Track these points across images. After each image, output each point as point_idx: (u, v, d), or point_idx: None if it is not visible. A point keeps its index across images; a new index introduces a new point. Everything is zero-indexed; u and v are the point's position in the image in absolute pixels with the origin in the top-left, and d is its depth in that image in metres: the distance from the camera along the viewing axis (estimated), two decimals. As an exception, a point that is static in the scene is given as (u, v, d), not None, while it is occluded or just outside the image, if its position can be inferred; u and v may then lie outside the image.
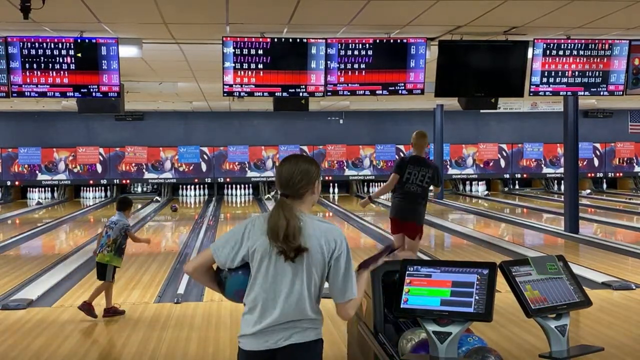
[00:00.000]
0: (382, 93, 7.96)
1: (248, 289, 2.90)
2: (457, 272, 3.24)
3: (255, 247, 2.87)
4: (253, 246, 2.87)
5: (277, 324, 2.82)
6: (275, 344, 2.83)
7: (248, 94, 7.69)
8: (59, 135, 21.89)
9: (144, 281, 8.66)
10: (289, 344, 2.83)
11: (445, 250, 11.80)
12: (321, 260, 2.84)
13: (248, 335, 2.88)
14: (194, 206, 20.66)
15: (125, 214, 7.01)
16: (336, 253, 2.86)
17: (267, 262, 2.84)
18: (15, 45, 7.35)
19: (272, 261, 2.83)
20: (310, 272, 2.83)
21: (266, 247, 2.83)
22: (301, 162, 2.94)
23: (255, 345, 2.85)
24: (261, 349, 2.84)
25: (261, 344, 2.84)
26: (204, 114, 22.01)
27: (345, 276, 2.86)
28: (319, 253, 2.84)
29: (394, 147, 23.13)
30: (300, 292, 2.83)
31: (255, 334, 2.85)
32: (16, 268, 9.67)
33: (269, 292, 2.84)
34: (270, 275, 2.84)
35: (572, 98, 11.95)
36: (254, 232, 2.88)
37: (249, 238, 2.88)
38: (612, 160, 23.89)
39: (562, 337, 3.15)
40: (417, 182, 7.29)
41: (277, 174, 2.93)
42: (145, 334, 6.20)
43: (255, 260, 2.87)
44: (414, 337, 3.69)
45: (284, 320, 2.83)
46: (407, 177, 7.30)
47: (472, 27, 7.60)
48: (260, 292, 2.85)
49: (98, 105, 8.27)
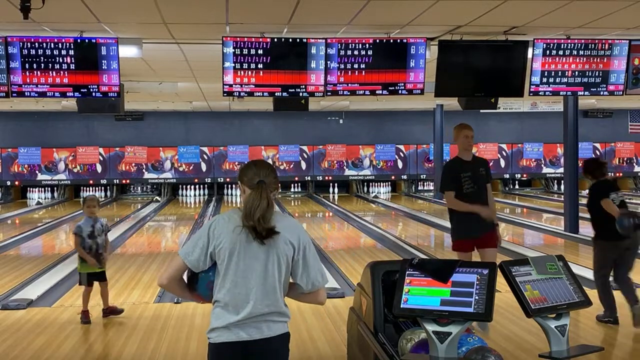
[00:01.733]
0: (382, 93, 7.96)
1: (218, 285, 2.98)
2: (457, 272, 3.24)
3: (222, 245, 2.94)
4: (220, 244, 2.95)
5: (250, 317, 2.92)
6: (249, 336, 2.92)
7: (248, 94, 7.69)
8: (59, 135, 21.89)
9: (144, 281, 8.66)
10: (261, 337, 2.93)
11: (445, 250, 11.80)
12: (290, 254, 2.96)
13: (220, 328, 2.96)
14: (194, 206, 20.66)
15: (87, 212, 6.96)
16: (302, 247, 2.99)
17: (237, 258, 2.93)
18: (15, 45, 7.35)
19: (241, 256, 2.93)
20: (280, 265, 2.95)
21: (234, 242, 2.93)
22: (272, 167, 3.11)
23: (227, 338, 2.93)
24: (233, 341, 2.92)
25: (233, 337, 2.93)
26: (204, 114, 22.01)
27: (314, 266, 3.02)
28: (287, 247, 2.96)
29: (394, 147, 23.13)
30: (272, 285, 2.94)
31: (228, 327, 2.93)
32: (16, 268, 9.67)
33: (240, 287, 2.93)
34: (241, 270, 2.93)
35: (572, 98, 11.95)
36: (218, 231, 2.96)
37: (214, 237, 2.96)
38: (612, 160, 23.90)
39: (562, 337, 3.15)
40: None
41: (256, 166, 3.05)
42: (145, 334, 6.20)
43: (224, 257, 2.94)
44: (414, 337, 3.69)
45: (257, 313, 2.92)
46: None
47: (472, 27, 7.60)
48: (232, 288, 2.93)
49: (98, 105, 8.26)
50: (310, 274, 3.00)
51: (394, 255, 10.06)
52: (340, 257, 10.30)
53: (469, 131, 6.26)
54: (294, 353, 5.60)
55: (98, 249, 6.80)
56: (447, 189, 6.20)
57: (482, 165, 6.32)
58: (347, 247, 11.69)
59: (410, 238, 12.70)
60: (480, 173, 6.19)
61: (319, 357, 5.53)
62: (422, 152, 23.22)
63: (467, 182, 6.11)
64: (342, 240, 12.71)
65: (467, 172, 6.12)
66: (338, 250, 11.21)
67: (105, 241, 6.92)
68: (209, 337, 3.01)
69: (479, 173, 6.19)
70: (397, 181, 23.47)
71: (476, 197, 6.07)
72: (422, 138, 22.96)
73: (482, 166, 6.28)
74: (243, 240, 2.93)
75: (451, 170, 6.25)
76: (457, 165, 6.24)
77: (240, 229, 2.93)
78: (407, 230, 14.31)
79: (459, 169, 6.18)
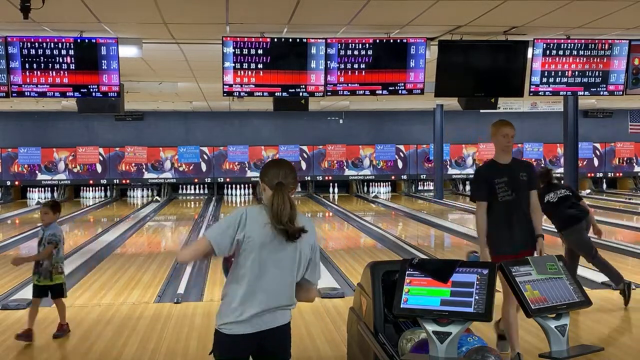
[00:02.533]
0: (382, 93, 7.95)
1: (239, 276, 3.06)
2: (457, 272, 3.24)
3: (252, 237, 3.04)
4: (250, 235, 3.04)
5: (269, 309, 3.06)
6: (265, 325, 3.07)
7: (248, 94, 7.69)
8: (59, 135, 21.89)
9: (144, 281, 8.66)
10: (276, 326, 3.10)
11: (445, 250, 11.80)
12: (309, 254, 3.17)
13: (234, 323, 3.05)
14: (194, 206, 20.65)
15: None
16: (315, 247, 3.21)
17: (264, 253, 3.04)
18: (15, 45, 7.35)
19: (268, 252, 3.04)
20: (301, 263, 3.13)
21: (264, 237, 3.03)
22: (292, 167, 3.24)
23: (243, 330, 3.04)
24: (248, 332, 3.05)
25: (250, 328, 3.05)
26: (204, 114, 22.01)
27: (319, 265, 3.27)
28: (308, 247, 3.16)
29: (394, 147, 23.13)
30: (291, 280, 3.11)
31: (247, 320, 3.04)
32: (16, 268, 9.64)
33: (264, 281, 3.05)
34: (267, 265, 3.04)
35: (572, 98, 11.94)
36: (250, 222, 3.06)
37: (245, 226, 3.05)
38: (612, 160, 23.90)
39: (562, 337, 3.15)
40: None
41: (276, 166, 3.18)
42: (145, 334, 6.20)
43: (251, 249, 3.04)
44: (414, 337, 3.69)
45: (275, 306, 3.08)
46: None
47: (472, 27, 7.60)
48: (256, 281, 3.04)
49: (98, 105, 8.26)
50: (316, 271, 3.22)
51: (394, 255, 10.06)
52: (340, 257, 10.30)
53: (509, 129, 5.31)
54: (294, 353, 5.61)
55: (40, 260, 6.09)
56: (479, 198, 5.26)
57: (523, 169, 5.34)
58: (347, 247, 11.69)
59: (410, 238, 12.70)
60: (520, 179, 5.24)
61: (319, 357, 5.53)
62: (422, 152, 23.22)
63: (502, 189, 5.19)
64: (342, 240, 12.71)
65: (502, 178, 5.20)
66: (338, 250, 11.20)
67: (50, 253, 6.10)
68: (222, 328, 3.08)
69: (519, 179, 5.24)
70: (397, 181, 23.47)
71: (514, 206, 5.17)
72: (422, 138, 22.96)
73: (523, 170, 5.32)
74: (272, 237, 3.04)
75: (483, 175, 5.32)
76: (491, 170, 5.31)
77: (270, 226, 3.03)
78: (407, 230, 14.31)
79: (493, 173, 5.25)
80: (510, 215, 5.16)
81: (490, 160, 5.44)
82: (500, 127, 5.28)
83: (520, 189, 5.22)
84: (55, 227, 6.17)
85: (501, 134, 5.26)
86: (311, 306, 7.11)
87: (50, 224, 6.15)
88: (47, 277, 6.10)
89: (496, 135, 5.28)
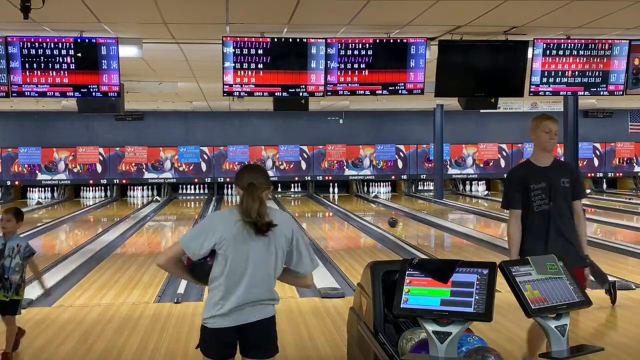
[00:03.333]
0: (382, 93, 7.95)
1: (218, 273, 3.25)
2: (457, 272, 3.24)
3: (225, 236, 3.22)
4: (223, 235, 3.22)
5: (248, 302, 3.23)
6: (245, 319, 3.24)
7: (248, 93, 7.69)
8: (59, 135, 21.89)
9: (144, 281, 8.65)
10: (256, 320, 3.26)
11: (445, 250, 11.81)
12: (286, 245, 3.30)
13: (217, 316, 3.24)
14: (194, 206, 20.66)
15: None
16: (295, 238, 3.32)
17: (238, 248, 3.22)
18: (15, 45, 7.35)
19: (241, 247, 3.22)
20: (277, 255, 3.28)
21: (237, 234, 3.22)
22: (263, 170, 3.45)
23: (224, 323, 3.24)
24: (230, 326, 3.24)
25: (231, 322, 3.23)
26: (204, 114, 22.01)
27: (306, 254, 3.36)
28: (283, 239, 3.29)
29: (394, 147, 23.13)
30: (268, 272, 3.27)
31: (227, 313, 3.23)
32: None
33: (240, 275, 3.23)
34: (241, 259, 3.23)
35: (572, 98, 11.95)
36: (222, 223, 3.26)
37: (217, 228, 3.24)
38: (612, 160, 23.90)
39: (562, 337, 3.15)
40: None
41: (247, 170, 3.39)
42: (145, 334, 6.20)
43: (226, 247, 3.22)
44: (414, 337, 3.69)
45: (253, 299, 3.24)
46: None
47: (472, 27, 7.60)
48: (232, 275, 3.23)
49: (98, 105, 8.26)
50: (303, 261, 3.35)
51: (394, 255, 10.06)
52: (340, 257, 10.30)
53: (552, 124, 4.53)
54: (294, 353, 5.61)
55: (4, 273, 5.35)
56: (512, 205, 4.50)
57: (565, 172, 4.56)
58: (347, 247, 11.69)
59: (410, 238, 12.70)
60: (561, 185, 4.46)
61: (319, 357, 5.53)
62: (422, 152, 23.22)
63: (538, 197, 4.42)
64: (342, 240, 12.71)
65: (540, 183, 4.44)
66: (338, 250, 11.21)
67: (20, 265, 5.40)
68: (205, 323, 3.28)
69: (560, 185, 4.46)
70: (397, 181, 23.47)
71: (552, 218, 4.42)
72: (422, 138, 22.96)
73: (565, 175, 4.53)
74: (244, 233, 3.22)
75: (518, 179, 4.54)
76: (528, 172, 4.53)
77: (241, 223, 3.22)
78: (407, 230, 14.31)
79: (529, 177, 4.48)
80: (547, 229, 4.40)
81: (525, 161, 4.69)
82: (542, 120, 4.55)
83: (560, 198, 4.43)
84: (19, 237, 5.53)
85: (543, 129, 4.52)
86: (311, 306, 7.11)
87: (13, 234, 5.47)
88: (14, 292, 5.42)
89: (536, 130, 4.55)
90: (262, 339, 3.30)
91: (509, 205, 4.55)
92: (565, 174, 4.53)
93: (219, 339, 3.26)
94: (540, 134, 4.56)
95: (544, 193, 4.42)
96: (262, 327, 3.28)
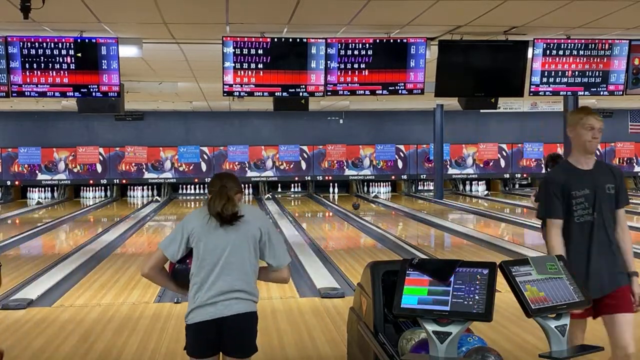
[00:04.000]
0: (382, 93, 7.96)
1: (195, 269, 3.38)
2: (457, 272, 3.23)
3: (195, 231, 3.37)
4: (192, 231, 3.37)
5: (221, 293, 3.31)
6: (221, 312, 3.30)
7: (248, 93, 7.69)
8: (59, 135, 21.89)
9: (144, 281, 8.64)
10: (232, 314, 3.30)
11: (445, 250, 11.81)
12: (257, 237, 3.40)
13: (195, 309, 3.35)
14: (194, 206, 20.66)
15: None
16: (266, 231, 3.43)
17: (207, 240, 3.36)
18: (15, 45, 7.35)
19: (210, 238, 3.36)
20: (249, 246, 3.38)
21: (207, 229, 3.37)
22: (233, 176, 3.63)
23: (200, 317, 3.33)
24: (206, 320, 3.31)
25: (206, 315, 3.31)
26: (204, 114, 22.01)
27: (280, 245, 3.47)
28: (255, 231, 3.40)
29: (394, 147, 23.13)
30: (241, 263, 3.36)
31: (202, 306, 3.33)
32: (16, 268, 9.67)
33: (211, 265, 3.34)
34: (210, 250, 3.35)
35: (572, 98, 11.94)
36: (192, 221, 3.43)
37: (187, 227, 3.40)
38: (612, 160, 23.89)
39: (562, 337, 3.15)
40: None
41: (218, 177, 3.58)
42: (145, 334, 6.20)
43: (197, 241, 3.37)
44: (414, 337, 3.69)
45: (226, 289, 3.31)
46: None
47: (472, 27, 7.60)
48: (204, 265, 3.35)
49: (98, 105, 8.26)
50: (276, 253, 3.44)
51: (394, 255, 10.06)
52: (340, 257, 10.30)
53: (595, 120, 3.86)
54: (294, 353, 5.61)
55: None
56: (553, 214, 3.86)
57: (610, 177, 3.92)
58: (347, 247, 11.69)
59: (410, 238, 12.70)
60: (607, 192, 3.86)
61: (319, 357, 5.53)
62: (422, 152, 23.22)
63: (581, 206, 3.82)
64: (342, 240, 12.72)
65: (583, 189, 3.83)
66: (338, 250, 11.21)
67: None
68: (186, 320, 3.41)
69: (605, 192, 3.86)
70: (397, 181, 23.47)
71: (597, 230, 3.82)
72: (422, 138, 22.96)
73: (610, 180, 3.91)
74: (212, 226, 3.37)
75: (558, 184, 3.87)
76: (569, 176, 3.89)
77: (209, 217, 3.39)
78: (407, 230, 14.31)
79: (571, 182, 3.85)
80: (589, 243, 3.81)
81: (564, 163, 4.04)
82: (583, 116, 3.86)
83: (605, 207, 3.84)
84: None
85: (584, 126, 3.84)
86: (311, 306, 7.11)
87: None
88: None
89: (576, 127, 3.87)
90: (237, 336, 3.33)
91: (547, 214, 3.88)
92: (610, 178, 3.89)
93: (199, 337, 3.34)
94: (581, 132, 3.85)
95: (587, 201, 3.81)
96: (238, 323, 3.31)
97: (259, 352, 3.55)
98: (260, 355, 5.67)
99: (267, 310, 6.83)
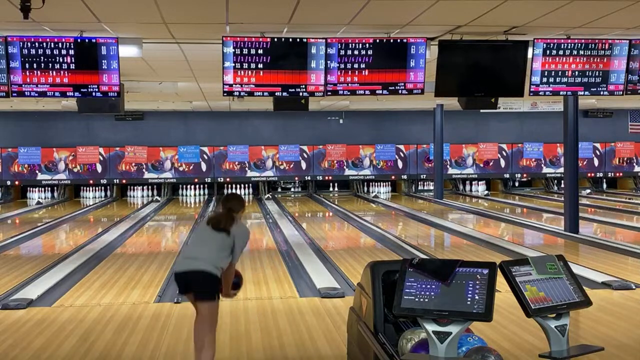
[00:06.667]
0: (382, 93, 7.96)
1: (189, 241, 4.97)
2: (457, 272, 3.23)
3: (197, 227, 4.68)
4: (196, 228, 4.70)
5: (190, 257, 4.90)
6: (187, 267, 4.86)
7: (248, 93, 7.69)
8: (59, 135, 21.88)
9: (144, 281, 8.65)
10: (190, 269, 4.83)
11: (445, 250, 11.80)
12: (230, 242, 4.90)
13: (176, 264, 4.73)
14: (194, 206, 20.66)
15: None
16: (237, 242, 4.93)
17: (200, 234, 5.08)
18: (15, 45, 7.35)
19: (202, 234, 5.00)
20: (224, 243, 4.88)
21: (204, 227, 5.01)
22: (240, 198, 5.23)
23: (177, 268, 4.96)
24: (179, 270, 4.93)
25: (179, 268, 4.94)
26: (204, 114, 22.01)
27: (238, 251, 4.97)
28: (233, 239, 4.91)
29: (394, 146, 23.12)
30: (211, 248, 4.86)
31: (179, 262, 5.12)
32: (16, 268, 9.67)
33: (193, 244, 5.05)
34: (198, 240, 5.06)
35: (572, 98, 11.95)
36: (200, 224, 5.20)
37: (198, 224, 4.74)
38: (612, 160, 23.90)
39: (562, 337, 3.15)
40: None
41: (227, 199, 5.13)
42: (145, 334, 6.20)
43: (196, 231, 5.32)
44: (414, 337, 3.69)
45: (194, 256, 4.86)
46: None
47: (472, 27, 7.60)
48: (191, 246, 5.09)
49: (98, 105, 8.26)
50: (236, 254, 4.94)
51: (394, 255, 10.05)
52: (340, 257, 10.29)
53: None
54: (294, 353, 5.61)
55: None
56: None
57: None
58: (347, 247, 11.69)
59: (410, 238, 12.70)
60: None
61: (319, 357, 5.53)
62: (422, 152, 23.21)
63: None
64: (342, 240, 12.71)
65: None
66: (338, 250, 11.20)
67: None
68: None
69: None
70: (397, 181, 23.46)
71: None
72: (422, 138, 22.95)
73: None
74: (206, 227, 4.98)
75: None
76: None
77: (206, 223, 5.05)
78: (407, 230, 14.31)
79: None
80: None
81: None
82: None
83: None
84: None
85: None
86: (311, 306, 7.11)
87: None
88: None
89: None
90: (198, 284, 4.82)
91: None
92: None
93: (178, 280, 4.98)
94: None
95: None
96: (196, 275, 4.79)
97: (259, 352, 3.56)
98: (260, 355, 5.68)
99: (267, 310, 6.83)
